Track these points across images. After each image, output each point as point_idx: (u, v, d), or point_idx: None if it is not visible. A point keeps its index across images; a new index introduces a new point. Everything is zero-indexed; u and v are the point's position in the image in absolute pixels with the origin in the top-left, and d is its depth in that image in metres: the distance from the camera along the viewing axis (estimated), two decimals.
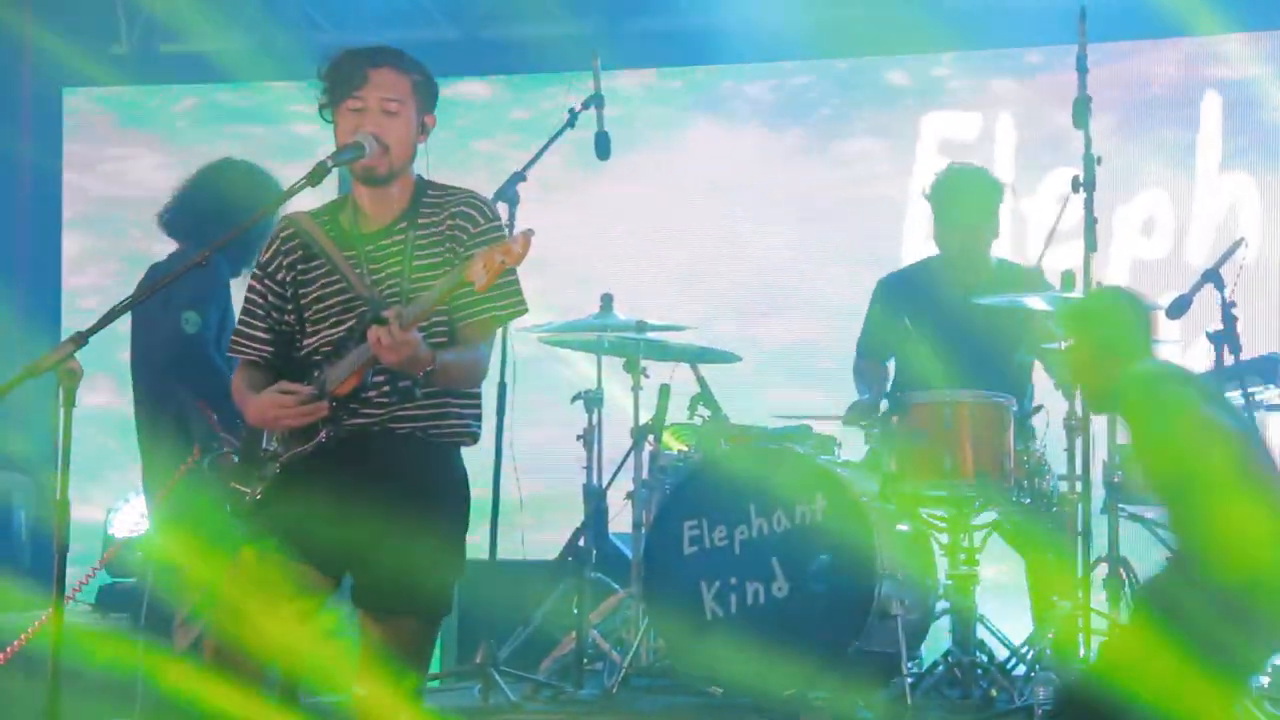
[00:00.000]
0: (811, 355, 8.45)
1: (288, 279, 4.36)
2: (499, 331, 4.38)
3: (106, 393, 7.84)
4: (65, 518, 4.00)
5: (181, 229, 5.86)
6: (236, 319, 4.56)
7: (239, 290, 4.55)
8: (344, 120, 4.29)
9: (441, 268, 4.21)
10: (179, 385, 5.66)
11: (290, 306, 4.36)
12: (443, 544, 4.24)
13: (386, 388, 4.20)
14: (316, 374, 4.23)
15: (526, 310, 4.33)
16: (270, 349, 4.39)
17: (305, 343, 4.33)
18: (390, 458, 4.22)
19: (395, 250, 4.28)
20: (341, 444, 4.21)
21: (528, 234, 3.93)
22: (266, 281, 4.38)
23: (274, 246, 4.39)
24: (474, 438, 4.38)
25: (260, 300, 4.39)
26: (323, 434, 4.20)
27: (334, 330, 4.27)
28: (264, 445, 4.33)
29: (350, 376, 4.16)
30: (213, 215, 5.66)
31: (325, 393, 4.18)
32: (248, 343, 4.41)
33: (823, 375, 7.96)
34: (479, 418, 4.39)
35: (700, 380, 6.98)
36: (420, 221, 4.29)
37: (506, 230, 4.41)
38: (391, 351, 3.99)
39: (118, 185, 9.77)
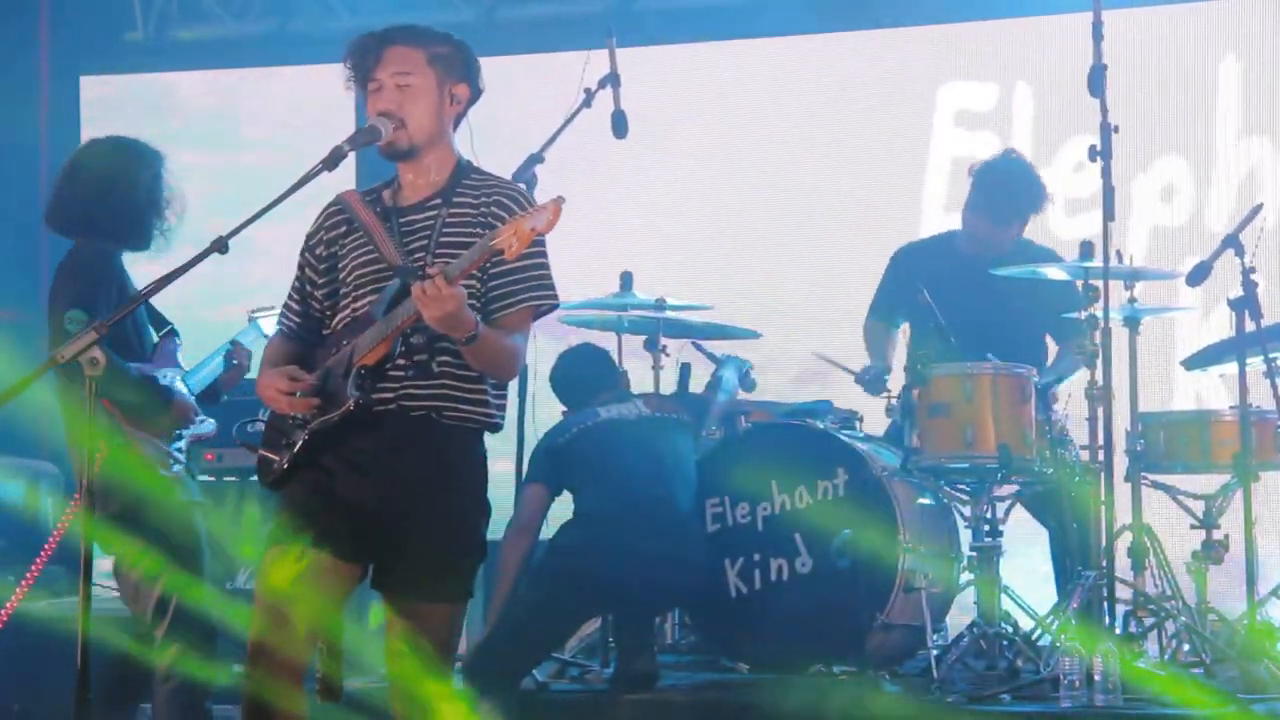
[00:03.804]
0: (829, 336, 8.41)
1: (324, 254, 4.37)
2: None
3: None
4: (90, 504, 4.04)
5: (71, 226, 5.59)
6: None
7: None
8: (368, 103, 4.31)
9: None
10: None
11: (323, 281, 4.37)
12: (463, 528, 4.22)
13: (402, 361, 4.15)
14: (343, 344, 4.22)
15: (558, 304, 4.31)
16: (299, 321, 4.41)
17: (338, 317, 4.32)
18: (405, 438, 4.18)
19: (425, 226, 4.27)
20: (361, 422, 4.15)
21: (559, 201, 3.91)
22: (306, 254, 4.42)
23: (319, 220, 4.42)
24: (494, 427, 4.31)
25: (299, 273, 4.43)
26: (350, 403, 4.13)
27: (365, 304, 4.24)
28: (290, 413, 4.28)
29: (381, 343, 4.13)
30: (95, 200, 5.48)
31: (352, 363, 4.16)
32: (284, 314, 4.47)
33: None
34: (502, 407, 4.32)
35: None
36: (456, 201, 4.27)
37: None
38: (436, 304, 3.94)
39: None
